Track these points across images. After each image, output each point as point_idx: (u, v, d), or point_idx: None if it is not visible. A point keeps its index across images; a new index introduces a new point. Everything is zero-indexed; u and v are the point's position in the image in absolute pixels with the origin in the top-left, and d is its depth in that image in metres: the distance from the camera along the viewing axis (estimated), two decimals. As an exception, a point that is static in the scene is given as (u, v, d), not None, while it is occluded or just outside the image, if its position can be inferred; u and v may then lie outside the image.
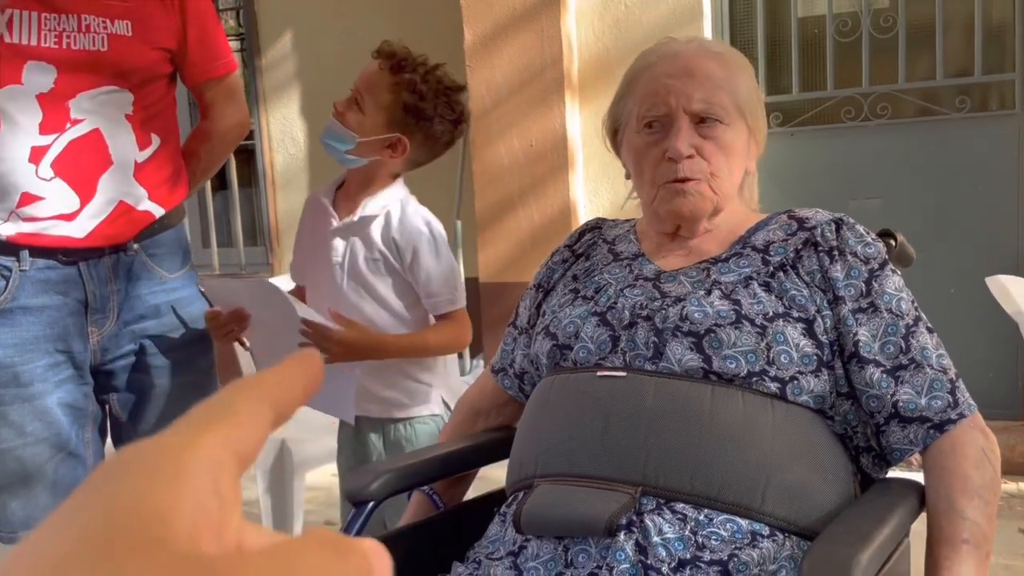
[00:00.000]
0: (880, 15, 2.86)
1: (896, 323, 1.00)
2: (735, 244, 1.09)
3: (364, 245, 1.52)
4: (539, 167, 3.04)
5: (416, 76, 1.48)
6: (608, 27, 2.97)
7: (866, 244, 1.04)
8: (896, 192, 2.88)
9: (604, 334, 1.04)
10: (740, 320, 0.98)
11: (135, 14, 1.42)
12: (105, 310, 1.45)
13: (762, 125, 1.13)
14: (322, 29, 3.49)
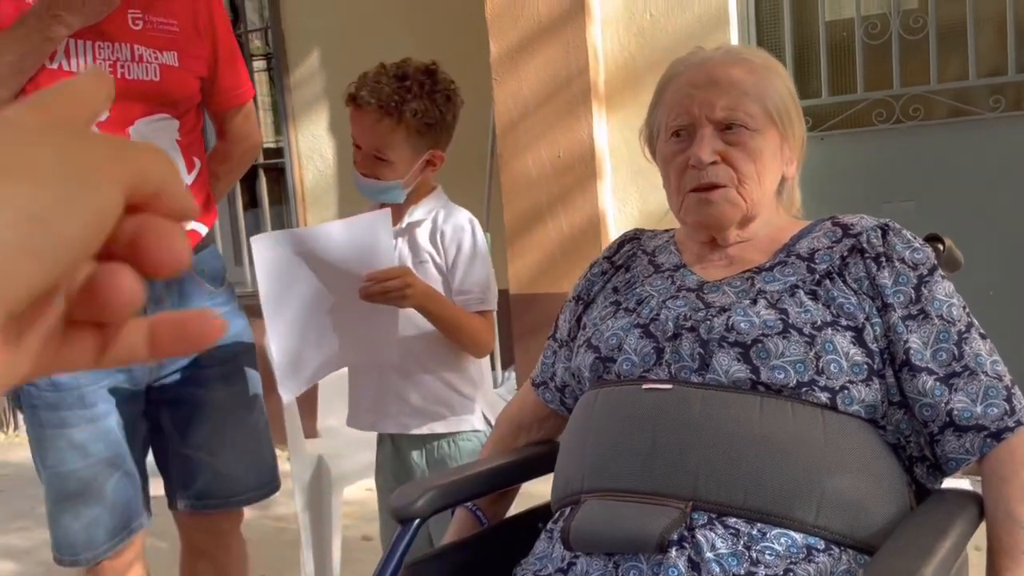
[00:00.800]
0: (910, 16, 2.83)
1: (948, 330, 0.98)
2: (779, 252, 1.08)
3: (412, 250, 1.55)
4: (567, 178, 3.03)
5: (405, 101, 1.48)
6: (633, 36, 2.97)
7: (914, 249, 1.02)
8: (931, 194, 2.84)
9: (648, 346, 1.03)
10: (788, 329, 0.96)
11: (179, 44, 1.48)
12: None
13: (799, 130, 1.12)
14: (348, 48, 3.52)
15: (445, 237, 1.54)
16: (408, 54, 3.45)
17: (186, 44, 1.49)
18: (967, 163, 2.81)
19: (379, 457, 1.66)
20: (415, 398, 1.54)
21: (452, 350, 1.54)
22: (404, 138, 1.50)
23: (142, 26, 1.44)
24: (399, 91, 1.48)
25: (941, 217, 2.82)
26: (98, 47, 1.41)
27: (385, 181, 1.52)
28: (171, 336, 0.29)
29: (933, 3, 2.78)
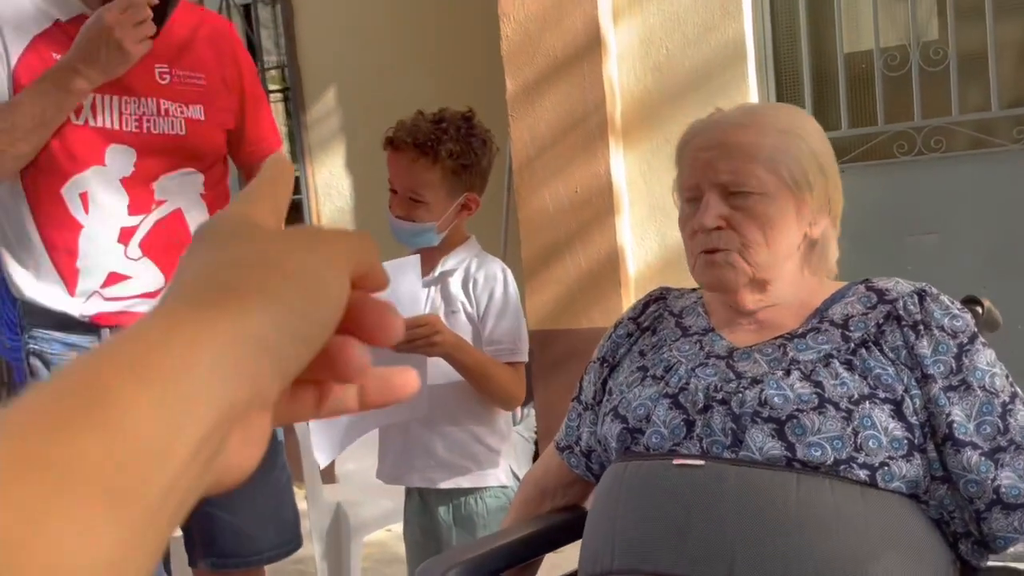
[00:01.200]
0: (929, 47, 2.80)
1: (991, 401, 0.95)
2: (811, 317, 1.05)
3: (444, 299, 1.54)
4: (585, 213, 3.01)
5: (445, 143, 1.50)
6: (650, 70, 2.95)
7: (953, 316, 0.99)
8: (954, 227, 2.80)
9: (678, 418, 1.00)
10: (823, 404, 0.93)
11: (205, 98, 1.48)
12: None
13: (826, 190, 1.07)
14: (365, 83, 3.53)
15: (477, 286, 1.53)
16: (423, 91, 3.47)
17: (213, 97, 1.49)
18: (991, 195, 2.76)
19: (407, 511, 1.64)
20: (442, 451, 1.52)
21: (481, 402, 1.52)
22: (439, 179, 1.50)
23: (169, 80, 1.45)
24: (435, 132, 1.49)
25: (965, 250, 2.78)
26: (124, 102, 1.41)
27: (420, 223, 1.51)
28: (378, 389, 0.34)
29: (953, 34, 2.75)
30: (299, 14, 3.62)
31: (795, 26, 2.92)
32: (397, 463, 1.57)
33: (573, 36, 2.91)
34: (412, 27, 3.42)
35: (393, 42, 3.45)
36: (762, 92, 2.93)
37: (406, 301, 1.40)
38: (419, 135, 1.49)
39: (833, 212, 1.09)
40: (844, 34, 2.88)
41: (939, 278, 2.82)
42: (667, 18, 2.91)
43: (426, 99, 3.43)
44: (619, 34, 2.98)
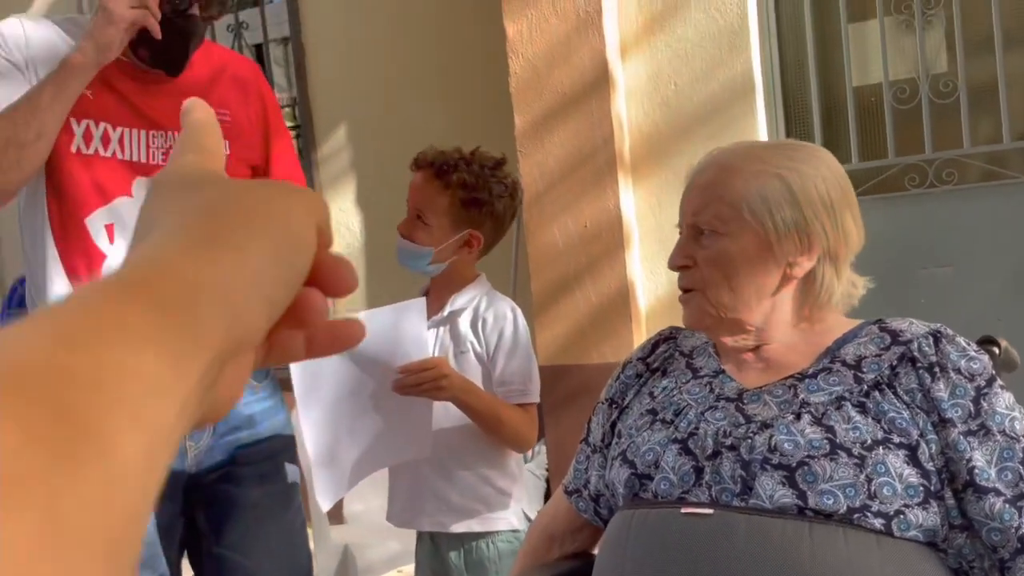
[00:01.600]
0: (939, 80, 2.80)
1: (1012, 447, 0.92)
2: (822, 357, 1.03)
3: (453, 339, 1.53)
4: (594, 247, 3.00)
5: (462, 172, 1.51)
6: (658, 105, 2.96)
7: (970, 358, 0.96)
8: (969, 259, 2.77)
9: (686, 464, 0.98)
10: (835, 450, 0.91)
11: (231, 132, 1.48)
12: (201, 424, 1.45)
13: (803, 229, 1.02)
14: (376, 121, 3.55)
15: (487, 326, 1.52)
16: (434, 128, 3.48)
17: (238, 133, 1.51)
18: (1005, 227, 2.74)
19: (418, 553, 1.62)
20: (452, 494, 1.51)
21: (491, 444, 1.50)
22: (447, 205, 1.51)
23: None
24: (457, 161, 1.52)
25: (980, 283, 2.74)
26: (151, 136, 1.44)
27: (418, 245, 1.51)
28: (326, 339, 0.35)
29: (962, 67, 2.75)
30: (310, 53, 3.66)
31: (803, 60, 2.93)
32: (407, 506, 1.55)
33: (581, 72, 2.92)
34: (423, 65, 3.44)
35: (404, 80, 3.48)
36: (771, 126, 2.92)
37: (411, 345, 1.39)
38: (441, 159, 1.52)
39: (831, 249, 1.05)
40: (853, 68, 2.88)
41: (954, 311, 2.80)
42: (675, 54, 2.92)
43: (436, 136, 3.44)
44: (627, 70, 2.99)
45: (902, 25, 2.85)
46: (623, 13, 2.97)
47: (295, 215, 0.32)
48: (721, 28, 2.86)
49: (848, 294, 1.08)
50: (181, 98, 1.50)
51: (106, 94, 1.43)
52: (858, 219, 1.08)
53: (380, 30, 3.51)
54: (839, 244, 1.07)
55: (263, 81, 1.62)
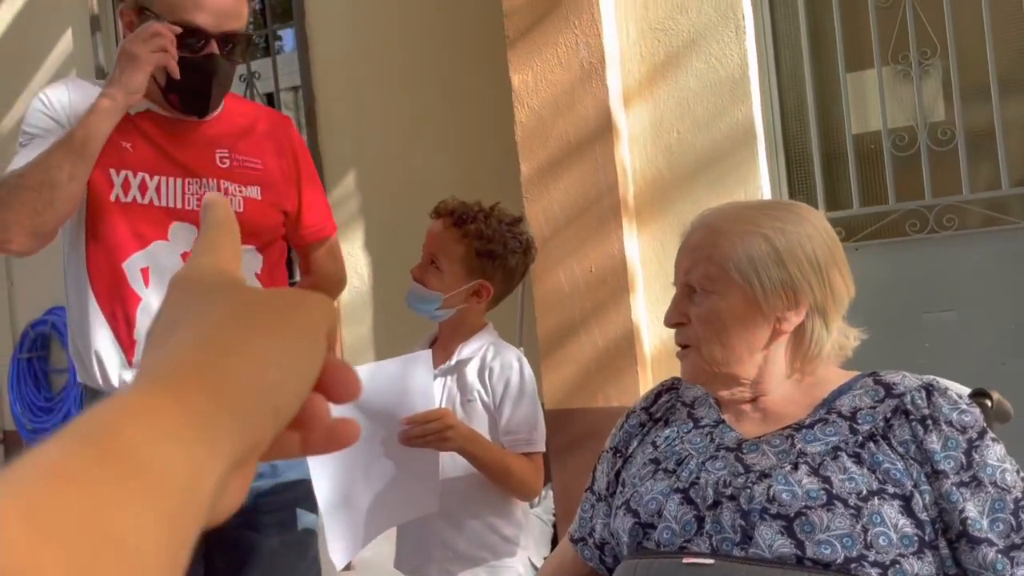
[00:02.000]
0: (937, 127, 2.85)
1: (1003, 498, 0.94)
2: (818, 408, 1.06)
3: (460, 389, 1.56)
4: (600, 292, 3.04)
5: (479, 223, 1.56)
6: (661, 153, 3.01)
7: (961, 411, 0.99)
8: (971, 304, 2.79)
9: (688, 514, 1.00)
10: (832, 501, 0.93)
11: (263, 180, 1.56)
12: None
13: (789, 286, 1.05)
14: (384, 168, 3.62)
15: (493, 375, 1.54)
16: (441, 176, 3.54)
17: (270, 181, 1.57)
18: (1007, 272, 2.76)
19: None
20: (461, 544, 1.52)
21: (498, 493, 1.52)
22: (462, 254, 1.55)
23: (228, 164, 1.54)
24: (476, 212, 1.57)
25: (984, 327, 2.76)
26: (187, 183, 1.50)
27: (429, 290, 1.54)
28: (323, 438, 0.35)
29: (960, 114, 2.80)
30: (320, 101, 3.74)
31: (803, 109, 2.98)
32: (415, 553, 1.57)
33: (585, 121, 2.99)
34: (431, 113, 3.52)
35: (412, 128, 3.55)
36: (772, 173, 2.97)
37: (418, 396, 1.41)
38: (461, 209, 1.57)
39: (820, 304, 1.08)
40: (852, 116, 2.94)
41: (958, 355, 2.82)
42: (677, 103, 2.98)
43: (444, 183, 3.51)
44: (630, 118, 3.05)
45: (900, 74, 2.91)
46: (625, 63, 3.04)
47: (309, 326, 0.32)
48: (722, 77, 2.92)
49: (840, 345, 1.11)
50: (215, 147, 1.58)
51: (144, 146, 1.50)
52: (846, 274, 1.12)
53: (389, 79, 3.59)
54: (827, 299, 1.10)
55: (295, 134, 1.69)
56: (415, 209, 3.61)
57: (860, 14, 2.92)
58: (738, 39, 2.90)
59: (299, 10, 3.73)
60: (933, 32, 2.84)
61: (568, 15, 2.99)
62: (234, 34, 1.48)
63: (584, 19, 2.98)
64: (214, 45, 1.46)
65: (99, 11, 4.20)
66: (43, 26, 4.33)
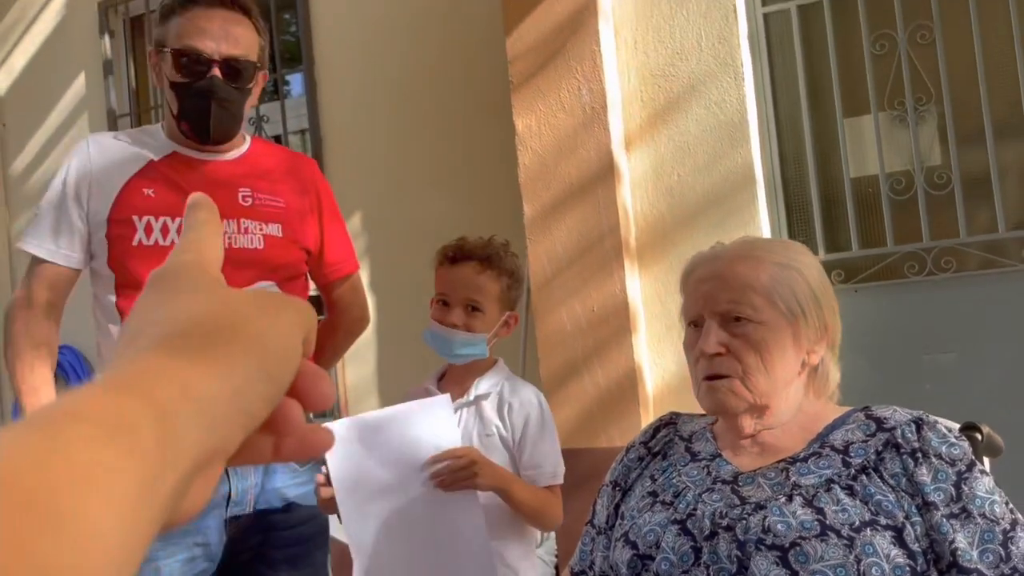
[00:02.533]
0: (934, 172, 2.89)
1: (992, 529, 0.96)
2: (812, 442, 1.08)
3: (478, 424, 1.57)
4: (602, 331, 3.06)
5: (504, 258, 1.62)
6: (663, 195, 3.06)
7: (950, 444, 1.01)
8: (970, 346, 2.81)
9: (686, 545, 1.02)
10: (825, 532, 0.95)
11: (283, 217, 1.60)
12: (243, 502, 1.51)
13: (818, 318, 1.11)
14: (389, 210, 3.67)
15: (512, 410, 1.56)
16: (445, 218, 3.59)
17: (291, 219, 1.61)
18: (1005, 314, 2.79)
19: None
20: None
21: (514, 523, 1.53)
22: (498, 292, 1.60)
23: (251, 203, 1.58)
24: (498, 249, 1.62)
25: (983, 369, 2.78)
26: None
27: (477, 333, 1.56)
28: (295, 446, 0.34)
29: (955, 159, 2.85)
30: (327, 144, 3.81)
31: (802, 153, 3.04)
32: None
33: (588, 164, 3.04)
34: (435, 157, 3.58)
35: (416, 171, 3.62)
36: (772, 216, 3.02)
37: (442, 440, 1.43)
38: (484, 250, 1.61)
39: (830, 339, 1.13)
40: (850, 160, 2.99)
41: (957, 397, 2.83)
42: (677, 147, 3.04)
43: (448, 223, 3.56)
44: (632, 161, 3.11)
45: (896, 120, 2.97)
46: (627, 108, 3.11)
47: (284, 329, 0.32)
48: (722, 122, 2.98)
49: (836, 382, 1.15)
50: (238, 186, 1.65)
51: (166, 190, 1.54)
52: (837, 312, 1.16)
53: (394, 123, 3.66)
54: (836, 334, 1.14)
55: (320, 176, 1.75)
56: (419, 250, 3.66)
57: (856, 61, 2.99)
58: (737, 85, 2.97)
59: (308, 55, 3.82)
60: (928, 79, 2.90)
61: (571, 61, 3.06)
62: (237, 60, 1.52)
63: (586, 65, 3.05)
64: (216, 69, 1.50)
65: (112, 55, 4.30)
66: (57, 69, 4.44)
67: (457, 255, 1.61)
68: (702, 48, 3.02)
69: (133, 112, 4.27)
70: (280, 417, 0.32)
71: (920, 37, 2.91)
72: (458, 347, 1.59)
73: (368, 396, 3.72)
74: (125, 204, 1.52)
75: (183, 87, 1.52)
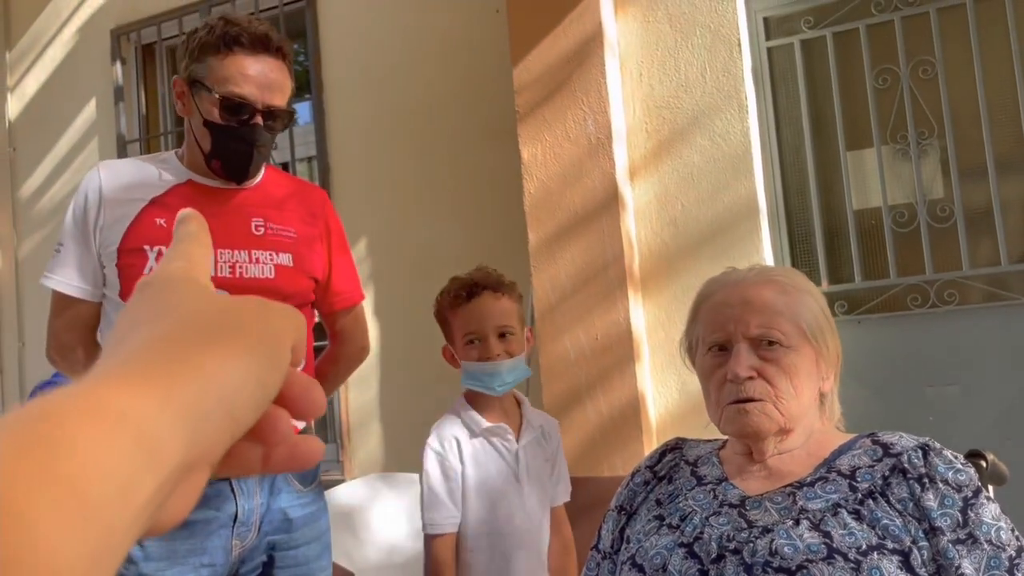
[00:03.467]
0: (936, 205, 2.92)
1: (998, 555, 0.96)
2: (819, 467, 1.09)
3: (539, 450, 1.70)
4: (605, 359, 3.07)
5: (506, 281, 1.70)
6: (666, 224, 3.08)
7: (956, 471, 1.02)
8: (973, 379, 2.81)
9: (692, 568, 1.02)
10: (832, 555, 0.95)
11: (295, 248, 1.61)
12: (249, 523, 1.50)
13: (833, 345, 1.14)
14: (396, 236, 3.69)
15: (548, 434, 1.71)
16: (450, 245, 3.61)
17: (301, 249, 1.62)
18: (1008, 347, 2.79)
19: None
20: None
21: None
22: (517, 312, 1.69)
23: (263, 232, 1.58)
24: (498, 275, 1.69)
25: (986, 402, 2.78)
26: (220, 253, 1.53)
27: (517, 356, 1.65)
28: (284, 456, 0.33)
29: (958, 192, 2.87)
30: (334, 171, 3.84)
31: (805, 185, 3.06)
32: None
33: (593, 193, 3.07)
34: (441, 184, 3.61)
35: (422, 198, 3.64)
36: (775, 247, 3.03)
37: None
38: (489, 278, 1.67)
39: (836, 368, 1.14)
40: (853, 192, 3.01)
41: (960, 429, 2.82)
42: (682, 177, 3.07)
43: (453, 252, 3.59)
44: (636, 191, 3.13)
45: (899, 153, 2.99)
46: (632, 139, 3.14)
47: (272, 335, 0.31)
48: (725, 154, 3.01)
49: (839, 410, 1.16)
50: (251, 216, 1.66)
51: None
52: None
53: (401, 150, 3.70)
54: (839, 362, 1.15)
55: (330, 207, 1.76)
56: (425, 277, 3.68)
57: (859, 95, 3.02)
58: (741, 118, 3.00)
59: (316, 84, 3.87)
60: (930, 113, 2.93)
61: (576, 92, 3.10)
62: (277, 108, 1.54)
63: (592, 96, 3.08)
64: (259, 117, 1.52)
65: (123, 82, 4.36)
66: (68, 95, 4.49)
67: (472, 290, 1.65)
68: (707, 80, 3.06)
69: (143, 138, 4.32)
70: (268, 425, 0.32)
71: (922, 72, 2.95)
72: (507, 375, 1.64)
73: (371, 421, 3.72)
74: (137, 234, 1.52)
75: (223, 129, 1.53)
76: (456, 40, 3.60)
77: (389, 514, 2.63)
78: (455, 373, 1.72)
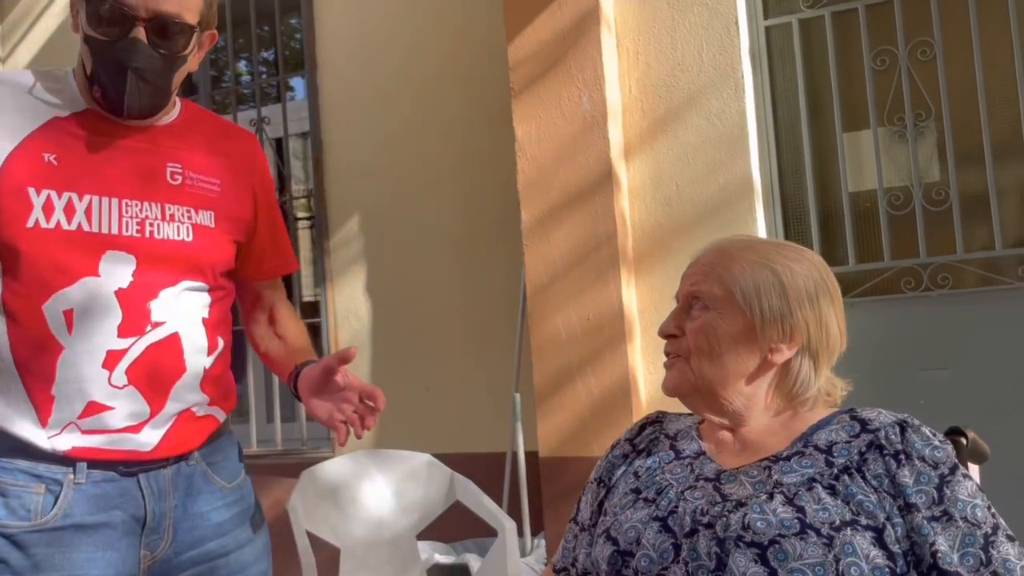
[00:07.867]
0: (932, 188, 2.90)
1: (973, 532, 0.96)
2: (796, 441, 1.08)
3: None
4: (596, 339, 3.06)
5: None
6: (660, 204, 3.07)
7: (934, 447, 1.01)
8: (965, 363, 2.81)
9: (666, 542, 1.01)
10: (805, 530, 0.95)
11: (218, 204, 1.35)
12: (160, 530, 1.27)
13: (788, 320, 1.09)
14: (388, 213, 3.68)
15: None
16: (443, 222, 3.59)
17: (226, 205, 1.36)
18: (1000, 331, 2.78)
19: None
20: None
21: None
22: None
23: (180, 181, 1.31)
24: None
25: (978, 385, 2.77)
26: (125, 205, 1.25)
27: None
28: None
29: (954, 176, 2.85)
30: (328, 147, 3.82)
31: (800, 166, 3.04)
32: None
33: (587, 172, 3.04)
34: (435, 161, 3.59)
35: (416, 174, 3.62)
36: (769, 227, 3.02)
37: None
38: None
39: (812, 345, 1.11)
40: (848, 174, 2.99)
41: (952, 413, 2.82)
42: (676, 156, 3.04)
43: (445, 228, 3.57)
44: (630, 170, 3.11)
45: (895, 135, 2.97)
46: (627, 118, 3.12)
47: None
48: (721, 133, 2.99)
49: (827, 392, 1.14)
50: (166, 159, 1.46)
51: (73, 158, 1.23)
52: (842, 325, 1.15)
53: (395, 127, 3.67)
54: (820, 343, 1.13)
55: (261, 156, 1.47)
56: (417, 253, 3.67)
57: (856, 76, 2.99)
58: (737, 97, 2.98)
59: (310, 60, 3.84)
60: (928, 95, 2.91)
61: (572, 70, 3.07)
62: (167, 18, 1.22)
63: (587, 74, 3.06)
64: (141, 30, 1.21)
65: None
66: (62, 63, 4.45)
67: None
68: (703, 59, 3.03)
69: (136, 111, 4.28)
70: None
71: (921, 53, 2.92)
72: None
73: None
74: (18, 170, 1.20)
75: (97, 44, 1.22)
76: (451, 16, 3.57)
77: (377, 490, 2.63)
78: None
